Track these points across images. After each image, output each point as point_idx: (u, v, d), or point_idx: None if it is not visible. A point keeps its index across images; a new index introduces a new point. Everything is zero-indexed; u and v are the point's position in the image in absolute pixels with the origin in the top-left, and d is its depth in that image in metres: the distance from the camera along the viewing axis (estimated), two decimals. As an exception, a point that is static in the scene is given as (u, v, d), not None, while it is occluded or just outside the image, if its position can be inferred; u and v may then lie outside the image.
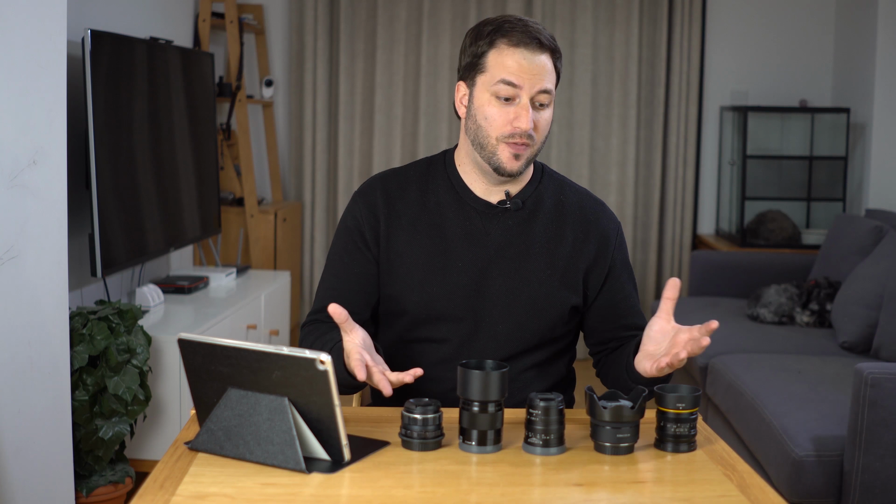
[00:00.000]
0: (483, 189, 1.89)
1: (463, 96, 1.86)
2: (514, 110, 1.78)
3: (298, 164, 5.33)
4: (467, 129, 1.85)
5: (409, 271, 1.87)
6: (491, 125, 1.80)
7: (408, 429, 1.56)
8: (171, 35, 4.37)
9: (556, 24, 5.19)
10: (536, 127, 1.80)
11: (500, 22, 1.81)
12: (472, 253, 1.86)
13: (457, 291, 1.86)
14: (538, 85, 1.78)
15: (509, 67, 1.77)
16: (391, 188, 1.92)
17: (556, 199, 1.92)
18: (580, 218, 1.92)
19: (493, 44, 1.79)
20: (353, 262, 1.90)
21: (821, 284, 4.01)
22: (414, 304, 1.87)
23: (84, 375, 2.95)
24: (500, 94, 1.78)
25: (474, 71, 1.82)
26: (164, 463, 1.48)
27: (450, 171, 1.91)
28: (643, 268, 5.34)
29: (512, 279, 1.86)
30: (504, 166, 1.81)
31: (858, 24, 5.00)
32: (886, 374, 2.60)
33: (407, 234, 1.88)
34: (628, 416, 1.54)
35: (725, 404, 3.38)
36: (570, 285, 1.89)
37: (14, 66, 2.44)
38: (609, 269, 1.92)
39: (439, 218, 1.88)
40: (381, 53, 5.19)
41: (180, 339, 1.52)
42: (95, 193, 3.24)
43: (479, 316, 1.87)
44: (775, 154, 5.17)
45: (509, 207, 1.88)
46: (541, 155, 5.25)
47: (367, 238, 1.89)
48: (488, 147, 1.81)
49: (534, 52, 1.78)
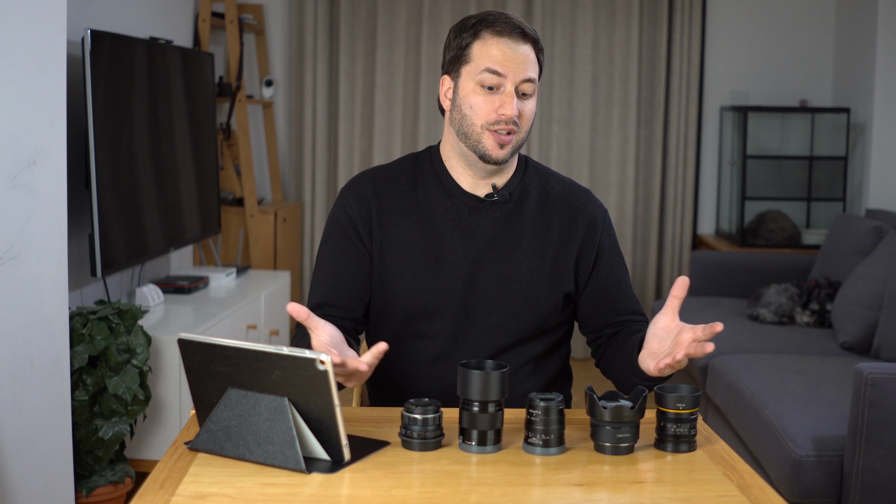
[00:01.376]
0: (470, 182, 1.90)
1: (447, 89, 1.89)
2: (498, 98, 1.81)
3: (298, 164, 5.33)
4: (452, 121, 1.88)
5: (403, 266, 1.88)
6: (476, 113, 1.82)
7: (408, 429, 1.56)
8: (171, 35, 4.37)
9: (556, 24, 5.19)
10: (521, 115, 1.83)
11: (483, 15, 1.85)
12: (464, 246, 1.88)
13: (450, 284, 1.87)
14: (522, 74, 1.81)
15: (494, 56, 1.80)
16: (380, 182, 1.93)
17: (542, 190, 1.95)
18: (566, 206, 1.94)
19: (477, 35, 1.83)
20: (346, 259, 1.90)
21: (821, 284, 4.01)
22: (407, 298, 1.87)
23: (84, 375, 2.95)
24: (486, 82, 1.81)
25: (459, 63, 1.85)
26: (164, 463, 1.48)
27: (437, 166, 1.93)
28: (643, 268, 5.34)
29: (503, 270, 1.88)
30: (490, 154, 1.83)
31: (858, 24, 5.00)
32: (886, 374, 2.60)
33: (398, 228, 1.89)
34: (628, 416, 1.54)
35: (725, 404, 3.38)
36: (561, 273, 1.90)
37: (14, 66, 2.44)
38: (597, 254, 1.93)
39: (429, 212, 1.90)
40: (381, 53, 5.19)
41: (180, 339, 1.52)
42: (95, 193, 3.24)
43: (471, 308, 1.88)
44: (775, 154, 5.17)
45: (497, 200, 1.90)
46: (542, 153, 5.25)
47: (360, 232, 1.89)
48: (473, 135, 1.83)
49: (517, 42, 1.81)
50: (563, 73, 5.21)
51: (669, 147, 5.27)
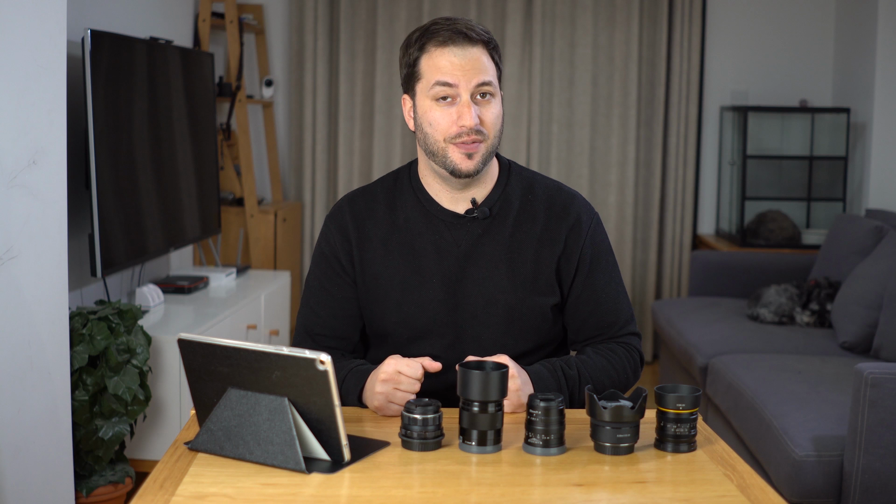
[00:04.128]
0: (448, 199, 1.86)
1: (409, 109, 1.84)
2: (455, 110, 1.76)
3: (298, 164, 5.33)
4: (419, 140, 1.83)
5: (386, 292, 1.85)
6: (436, 129, 1.78)
7: (408, 429, 1.56)
8: (171, 35, 4.37)
9: (556, 24, 5.19)
10: (483, 121, 1.77)
11: (427, 26, 1.80)
12: (445, 266, 1.84)
13: (434, 307, 1.84)
14: (475, 79, 1.76)
15: (442, 68, 1.76)
16: (359, 209, 1.89)
17: (524, 199, 1.88)
18: (548, 214, 1.88)
19: (423, 49, 1.78)
20: (333, 288, 1.89)
21: (821, 284, 4.01)
22: (394, 324, 1.85)
23: (84, 375, 2.95)
24: (439, 95, 1.76)
25: (412, 80, 1.81)
26: (164, 463, 1.48)
27: (415, 185, 1.89)
28: (643, 268, 5.34)
29: (486, 288, 1.84)
30: (458, 167, 1.78)
31: (858, 24, 5.00)
32: (886, 374, 2.60)
33: (379, 255, 1.86)
34: (628, 416, 1.54)
35: (725, 404, 3.38)
36: (544, 287, 1.86)
37: (14, 66, 2.44)
38: (578, 263, 1.87)
39: (409, 235, 1.86)
40: (381, 53, 5.19)
41: (180, 340, 1.52)
42: (95, 193, 3.24)
43: (460, 329, 1.85)
44: (775, 154, 5.16)
45: (477, 216, 1.85)
46: (542, 153, 5.25)
47: (342, 262, 1.88)
48: (438, 152, 1.79)
49: (464, 48, 1.76)
50: (563, 73, 5.21)
51: (669, 147, 5.27)
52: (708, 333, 3.86)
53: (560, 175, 5.22)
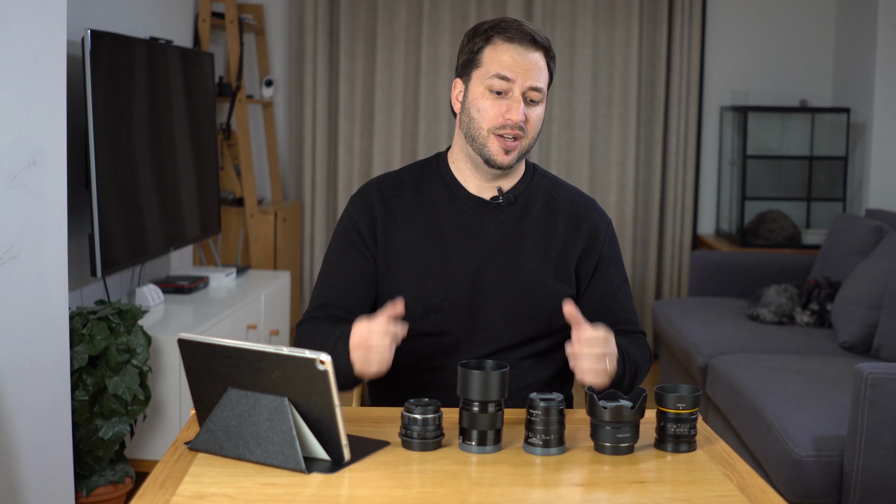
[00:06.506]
0: (476, 185, 1.94)
1: (459, 92, 1.93)
2: (506, 103, 1.85)
3: (298, 164, 5.33)
4: (461, 123, 1.92)
5: (407, 266, 1.91)
6: (483, 117, 1.86)
7: (408, 429, 1.56)
8: (171, 35, 4.37)
9: (556, 24, 5.19)
10: (528, 121, 1.87)
11: (497, 21, 1.90)
12: (468, 247, 1.91)
13: (453, 284, 1.90)
14: (530, 81, 1.85)
15: (504, 62, 1.85)
16: (386, 188, 1.97)
17: (548, 196, 1.98)
18: (571, 212, 1.97)
19: (489, 40, 1.87)
20: (351, 262, 1.94)
21: (821, 284, 4.01)
22: (412, 297, 1.89)
23: (84, 375, 2.95)
24: (494, 87, 1.85)
25: (470, 66, 1.89)
26: (164, 463, 1.48)
27: (443, 171, 1.97)
28: (643, 268, 5.34)
29: (507, 272, 1.91)
30: (494, 158, 1.87)
31: (858, 24, 5.00)
32: (886, 374, 2.60)
33: (403, 231, 1.92)
34: (628, 416, 1.54)
35: (725, 404, 3.38)
36: (564, 277, 1.93)
37: (14, 66, 2.44)
38: (598, 262, 1.97)
39: (434, 215, 1.93)
40: (381, 53, 5.19)
41: (180, 340, 1.52)
42: (95, 193, 3.24)
43: (475, 308, 1.90)
44: (775, 154, 5.16)
45: (502, 203, 1.93)
46: (542, 153, 5.25)
47: (364, 236, 1.93)
48: (479, 139, 1.87)
49: (528, 49, 1.86)
50: (563, 73, 5.21)
51: (669, 147, 5.27)
52: (708, 333, 3.86)
53: (560, 175, 5.22)
